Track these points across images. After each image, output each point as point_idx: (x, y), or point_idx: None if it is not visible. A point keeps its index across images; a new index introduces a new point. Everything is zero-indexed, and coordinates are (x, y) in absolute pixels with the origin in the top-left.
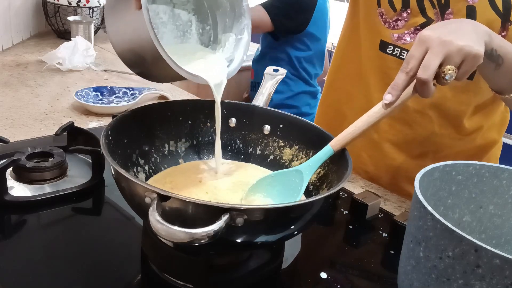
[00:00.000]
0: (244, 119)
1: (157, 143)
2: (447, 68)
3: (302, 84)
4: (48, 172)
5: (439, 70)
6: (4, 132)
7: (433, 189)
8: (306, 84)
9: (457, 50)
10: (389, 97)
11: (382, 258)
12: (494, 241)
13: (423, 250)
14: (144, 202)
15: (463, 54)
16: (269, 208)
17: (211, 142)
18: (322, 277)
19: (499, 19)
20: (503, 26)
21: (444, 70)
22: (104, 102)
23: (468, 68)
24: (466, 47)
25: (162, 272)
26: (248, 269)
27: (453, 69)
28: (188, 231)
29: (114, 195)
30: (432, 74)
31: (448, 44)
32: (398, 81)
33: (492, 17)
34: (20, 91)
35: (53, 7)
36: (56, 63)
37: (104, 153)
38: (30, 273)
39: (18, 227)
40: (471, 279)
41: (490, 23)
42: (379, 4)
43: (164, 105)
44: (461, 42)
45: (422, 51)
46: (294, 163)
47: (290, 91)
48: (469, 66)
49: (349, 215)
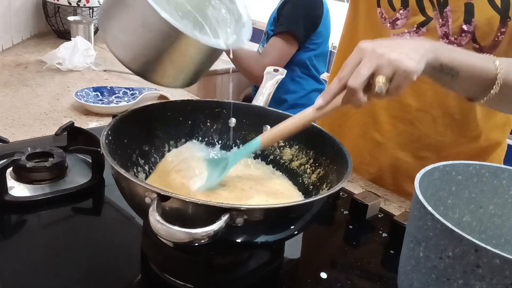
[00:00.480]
0: (244, 119)
1: (157, 143)
2: (377, 79)
3: (313, 82)
4: (48, 172)
5: (372, 82)
6: (4, 132)
7: (433, 189)
8: (317, 82)
9: (387, 63)
10: (320, 101)
11: (382, 258)
12: (494, 241)
13: (423, 250)
14: (144, 202)
15: (393, 67)
16: (269, 208)
17: (211, 142)
18: (322, 277)
19: (497, 15)
20: (503, 23)
21: (376, 81)
22: (104, 102)
23: (399, 83)
24: (396, 61)
25: (162, 272)
26: (248, 269)
27: (383, 81)
28: (188, 231)
29: (114, 195)
30: (360, 83)
31: (380, 56)
32: (331, 87)
33: (491, 13)
34: (20, 91)
35: (53, 7)
36: (56, 63)
37: (104, 153)
38: (30, 273)
39: (18, 227)
40: (471, 279)
41: (489, 20)
42: (378, 4)
43: (164, 105)
44: (393, 56)
45: (357, 60)
46: (294, 163)
47: (303, 90)
48: (400, 80)
49: (349, 215)
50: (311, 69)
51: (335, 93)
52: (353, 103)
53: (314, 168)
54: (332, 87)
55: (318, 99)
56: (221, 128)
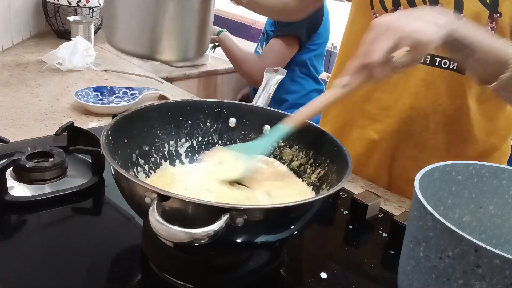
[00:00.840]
0: (244, 119)
1: (157, 143)
2: (398, 52)
3: (312, 82)
4: (48, 172)
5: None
6: (4, 132)
7: (433, 189)
8: (316, 83)
9: (406, 35)
10: (344, 80)
11: (382, 258)
12: (494, 241)
13: (423, 250)
14: (144, 202)
15: (413, 39)
16: (269, 208)
17: (211, 142)
18: (322, 277)
19: (486, 10)
20: (491, 18)
21: (396, 54)
22: (104, 102)
23: (418, 53)
24: (415, 33)
25: (162, 272)
26: (248, 269)
27: (404, 53)
28: (188, 231)
29: (114, 195)
30: (380, 56)
31: (398, 29)
32: (351, 66)
33: (479, 8)
34: (20, 91)
35: (53, 7)
36: (56, 63)
37: (104, 153)
38: (30, 273)
39: (18, 227)
40: (471, 279)
41: (477, 15)
42: (372, 6)
43: (164, 105)
44: (412, 27)
45: (373, 37)
46: (294, 163)
47: (303, 90)
48: (420, 52)
49: (349, 215)
50: (310, 69)
51: (355, 70)
52: (375, 78)
53: (314, 168)
54: (352, 65)
55: (341, 79)
56: (221, 128)
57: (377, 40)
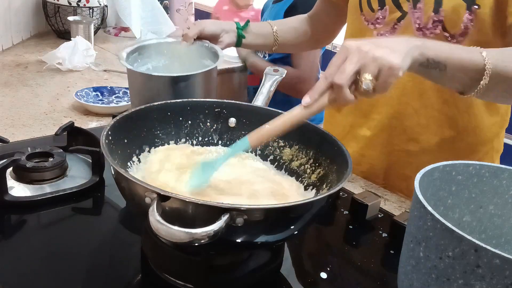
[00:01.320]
0: (244, 119)
1: (157, 143)
2: (363, 76)
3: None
4: (48, 172)
5: (358, 79)
6: (4, 132)
7: (433, 189)
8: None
9: (372, 60)
10: (307, 99)
11: (382, 258)
12: (494, 241)
13: (423, 250)
14: (144, 202)
15: (378, 64)
16: (269, 208)
17: (211, 142)
18: (322, 277)
19: (464, 3)
20: (469, 10)
21: (362, 78)
22: (104, 102)
23: (385, 79)
24: (380, 58)
25: (162, 272)
26: (248, 269)
27: (370, 78)
28: (188, 231)
29: (114, 195)
30: (346, 79)
31: (365, 53)
32: (317, 85)
33: (457, 2)
34: (20, 91)
35: (53, 7)
36: (56, 63)
37: (104, 153)
38: (30, 273)
39: (18, 227)
40: (471, 279)
41: (455, 8)
42: (361, 9)
43: (164, 105)
44: (377, 53)
45: (342, 59)
46: (294, 163)
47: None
48: (386, 77)
49: (349, 215)
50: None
51: (322, 91)
52: (340, 100)
53: (314, 168)
54: (319, 85)
55: (305, 98)
56: (221, 128)
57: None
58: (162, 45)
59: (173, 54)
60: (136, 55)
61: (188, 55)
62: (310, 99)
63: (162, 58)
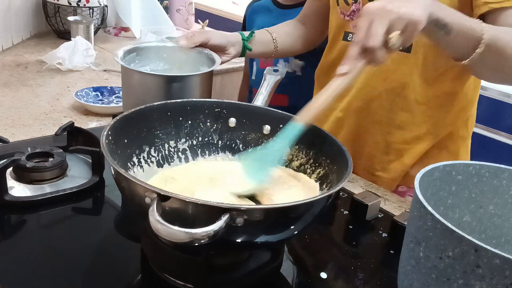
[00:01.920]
0: (244, 119)
1: (157, 143)
2: (393, 33)
3: None
4: (48, 172)
5: (386, 38)
6: (4, 132)
7: (433, 189)
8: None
9: (398, 17)
10: (345, 67)
11: (382, 258)
12: (494, 241)
13: (423, 250)
14: (144, 202)
15: (404, 21)
16: (269, 208)
17: (211, 142)
18: (322, 277)
19: None
20: None
21: (391, 35)
22: (104, 102)
23: (410, 33)
24: (406, 14)
25: (162, 272)
26: (248, 269)
27: (398, 35)
28: (188, 231)
29: (114, 195)
30: (378, 40)
31: (390, 13)
32: (351, 52)
33: None
34: (20, 91)
35: (53, 7)
36: (56, 63)
37: (104, 153)
38: (30, 273)
39: (18, 227)
40: (471, 279)
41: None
42: (337, 3)
43: (164, 105)
44: (402, 10)
45: (368, 22)
46: (294, 163)
47: None
48: (411, 32)
49: (349, 215)
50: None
51: (356, 56)
52: (375, 62)
53: (314, 168)
54: (352, 51)
55: (341, 67)
56: (221, 128)
57: (372, 25)
58: (161, 49)
59: (172, 59)
60: (134, 56)
61: (187, 61)
62: (348, 66)
63: (161, 62)
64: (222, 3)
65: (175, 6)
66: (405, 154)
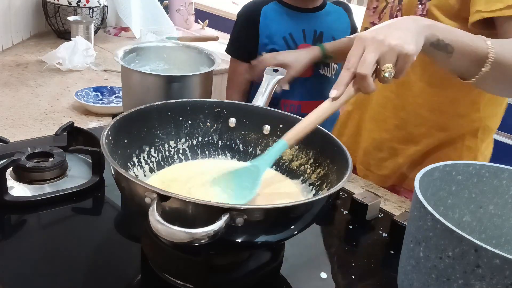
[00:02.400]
0: (244, 119)
1: (157, 143)
2: (385, 66)
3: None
4: (48, 172)
5: (379, 68)
6: (4, 132)
7: (433, 189)
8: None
9: (389, 49)
10: (334, 92)
11: (382, 258)
12: (494, 241)
13: (423, 250)
14: (144, 202)
15: (396, 52)
16: (269, 208)
17: (211, 142)
18: (322, 277)
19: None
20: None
21: (383, 68)
22: (104, 102)
23: (402, 65)
24: (397, 46)
25: (162, 272)
26: (248, 269)
27: (391, 66)
28: (188, 231)
29: (114, 195)
30: (369, 68)
31: (381, 43)
32: (341, 78)
33: None
34: (20, 91)
35: (53, 7)
36: (56, 63)
37: (104, 153)
38: (30, 273)
39: (18, 227)
40: (471, 279)
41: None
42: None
43: (164, 105)
44: (393, 42)
45: (360, 50)
46: (294, 163)
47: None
48: (403, 63)
49: (349, 215)
50: None
51: (346, 82)
52: (364, 90)
53: (314, 168)
54: (343, 77)
55: (332, 91)
56: (221, 128)
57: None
58: (161, 49)
59: (172, 59)
60: (134, 56)
61: (187, 61)
62: (337, 91)
63: (161, 62)
64: (222, 3)
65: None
66: (399, 154)
